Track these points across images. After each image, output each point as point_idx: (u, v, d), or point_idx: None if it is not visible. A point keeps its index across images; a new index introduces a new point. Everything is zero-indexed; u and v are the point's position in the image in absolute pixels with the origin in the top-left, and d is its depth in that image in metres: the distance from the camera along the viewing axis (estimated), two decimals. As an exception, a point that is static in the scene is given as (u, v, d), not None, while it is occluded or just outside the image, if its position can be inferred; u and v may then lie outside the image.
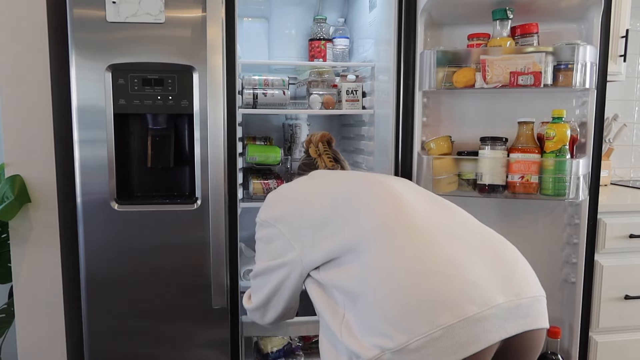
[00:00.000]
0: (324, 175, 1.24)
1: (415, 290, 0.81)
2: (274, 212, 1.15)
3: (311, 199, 1.10)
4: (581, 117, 1.65)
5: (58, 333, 1.56)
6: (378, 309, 0.83)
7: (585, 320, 1.70)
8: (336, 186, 1.13)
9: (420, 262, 0.85)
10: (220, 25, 1.41)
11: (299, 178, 1.31)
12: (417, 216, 0.96)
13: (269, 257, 1.12)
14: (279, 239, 1.10)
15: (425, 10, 1.60)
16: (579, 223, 1.67)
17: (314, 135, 1.49)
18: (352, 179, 1.16)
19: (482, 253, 0.91)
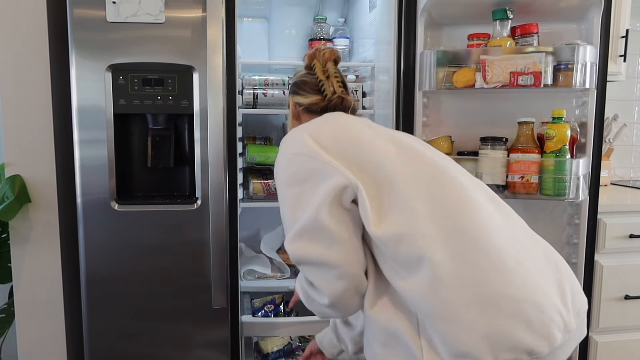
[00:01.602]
0: (362, 127, 1.00)
1: (508, 319, 0.78)
2: (317, 142, 0.94)
3: (370, 150, 0.93)
4: (581, 117, 1.65)
5: (58, 333, 1.56)
6: (465, 332, 0.78)
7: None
8: (393, 156, 0.93)
9: (506, 286, 0.81)
10: (220, 25, 1.41)
11: (315, 120, 1.06)
12: (491, 227, 0.87)
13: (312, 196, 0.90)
14: (328, 171, 0.90)
15: (425, 10, 1.60)
16: (579, 223, 1.67)
17: (321, 52, 1.18)
18: (408, 152, 0.95)
19: (549, 270, 0.89)
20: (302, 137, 0.96)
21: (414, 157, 0.94)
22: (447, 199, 0.88)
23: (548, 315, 0.80)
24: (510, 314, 0.78)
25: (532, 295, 0.80)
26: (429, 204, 0.87)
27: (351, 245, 0.89)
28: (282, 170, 0.97)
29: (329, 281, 0.88)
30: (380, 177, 0.90)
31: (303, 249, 0.89)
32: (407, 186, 0.88)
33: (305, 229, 0.89)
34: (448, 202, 0.88)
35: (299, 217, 0.90)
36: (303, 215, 0.89)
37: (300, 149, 0.94)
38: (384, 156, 0.92)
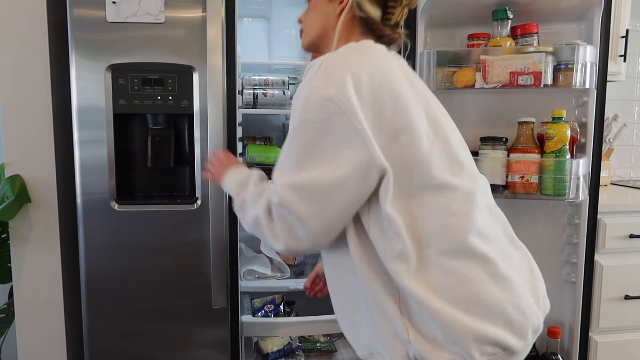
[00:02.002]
0: (406, 84, 0.87)
1: (495, 317, 0.82)
2: (358, 93, 0.81)
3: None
4: (581, 117, 1.65)
5: (58, 333, 1.56)
6: (454, 322, 0.80)
7: (585, 320, 1.70)
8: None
9: (501, 288, 0.83)
10: (220, 25, 1.40)
11: (364, 50, 0.90)
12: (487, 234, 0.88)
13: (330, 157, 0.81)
14: (357, 140, 0.80)
15: (425, 10, 1.60)
16: (579, 223, 1.67)
17: None
18: (438, 135, 0.89)
19: (527, 274, 0.92)
20: (344, 78, 0.81)
21: (441, 142, 0.88)
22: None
23: (528, 318, 0.84)
24: (495, 314, 0.82)
25: (516, 299, 0.84)
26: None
27: (340, 218, 0.84)
28: (306, 109, 0.82)
29: (295, 238, 0.84)
30: (411, 159, 0.83)
31: (294, 202, 0.82)
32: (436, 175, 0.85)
33: (308, 186, 0.82)
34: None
35: (307, 168, 0.82)
36: (313, 171, 0.81)
37: (335, 95, 0.80)
38: (419, 134, 0.85)
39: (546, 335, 1.71)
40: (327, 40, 0.97)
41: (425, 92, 0.93)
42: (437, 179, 0.85)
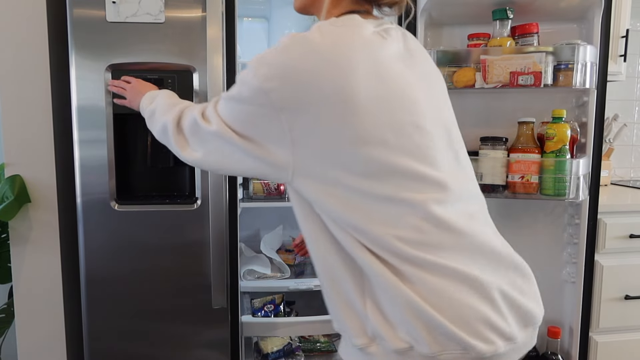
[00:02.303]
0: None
1: (459, 307, 0.75)
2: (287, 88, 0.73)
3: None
4: (581, 117, 1.65)
5: (58, 333, 1.56)
6: (414, 309, 0.75)
7: (585, 320, 1.70)
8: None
9: (470, 284, 0.77)
10: (220, 25, 1.40)
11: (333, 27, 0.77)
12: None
13: (244, 130, 0.79)
14: (271, 127, 0.76)
15: (425, 10, 1.60)
16: (579, 223, 1.67)
17: None
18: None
19: (504, 270, 0.83)
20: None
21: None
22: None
23: (492, 325, 0.76)
24: (454, 316, 0.75)
25: (474, 299, 0.77)
26: None
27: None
28: (247, 82, 0.76)
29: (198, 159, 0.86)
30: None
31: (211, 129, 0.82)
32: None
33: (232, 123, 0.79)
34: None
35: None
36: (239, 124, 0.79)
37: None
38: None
39: (546, 335, 1.71)
40: (318, 4, 0.91)
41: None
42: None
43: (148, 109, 1.05)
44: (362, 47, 0.76)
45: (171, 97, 1.07)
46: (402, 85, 0.77)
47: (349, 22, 0.80)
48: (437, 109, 0.83)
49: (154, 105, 1.03)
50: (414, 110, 0.77)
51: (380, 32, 0.81)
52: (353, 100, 0.72)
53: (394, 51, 0.80)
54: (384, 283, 0.76)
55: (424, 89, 0.81)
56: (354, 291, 0.79)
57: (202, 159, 0.86)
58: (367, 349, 0.80)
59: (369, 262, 0.76)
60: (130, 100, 1.30)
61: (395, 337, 0.77)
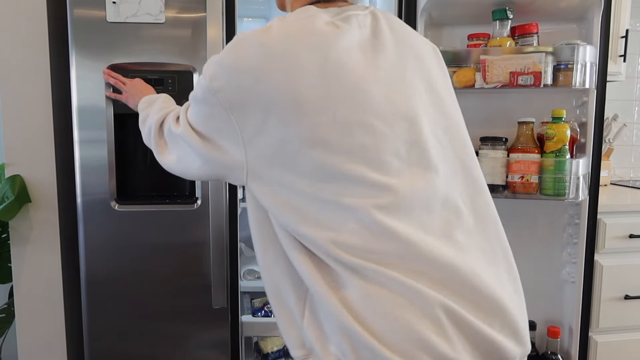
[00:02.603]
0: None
1: (391, 321, 0.68)
2: (236, 86, 0.71)
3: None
4: (581, 117, 1.65)
5: (58, 333, 1.56)
6: (341, 322, 0.69)
7: (585, 320, 1.70)
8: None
9: (409, 298, 0.68)
10: (220, 25, 1.41)
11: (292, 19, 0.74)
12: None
13: (204, 129, 0.78)
14: (225, 126, 0.74)
15: (425, 10, 1.60)
16: (578, 223, 1.67)
17: None
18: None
19: (474, 294, 0.73)
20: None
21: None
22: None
23: (424, 341, 0.67)
24: (384, 333, 0.68)
25: (409, 313, 0.68)
26: None
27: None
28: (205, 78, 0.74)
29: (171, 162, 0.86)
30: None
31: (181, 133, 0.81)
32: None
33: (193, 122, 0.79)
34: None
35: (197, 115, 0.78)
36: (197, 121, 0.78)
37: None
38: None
39: (546, 335, 1.71)
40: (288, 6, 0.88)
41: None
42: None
43: (144, 112, 1.06)
44: (310, 42, 0.71)
45: (166, 102, 1.06)
46: (353, 80, 0.71)
47: (301, 15, 0.75)
48: (403, 101, 0.74)
49: (148, 110, 1.04)
50: (364, 108, 0.70)
51: (336, 22, 0.75)
52: (298, 100, 0.68)
53: (350, 41, 0.73)
54: (319, 293, 0.71)
55: (385, 80, 0.73)
56: (295, 302, 0.76)
57: (174, 163, 0.86)
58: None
59: (308, 271, 0.72)
60: (127, 97, 1.31)
61: (325, 351, 0.72)
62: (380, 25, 0.78)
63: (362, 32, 0.75)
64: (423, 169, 0.74)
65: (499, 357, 0.70)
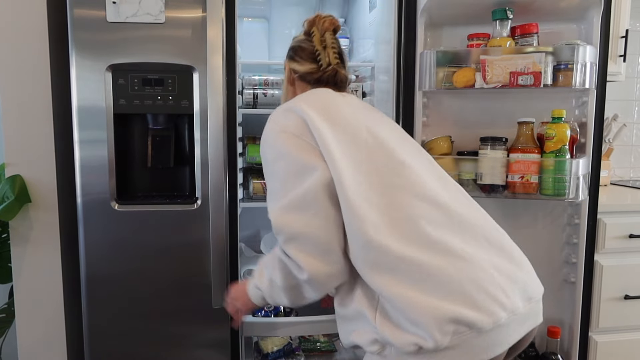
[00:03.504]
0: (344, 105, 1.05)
1: (456, 296, 0.85)
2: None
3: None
4: (581, 117, 1.65)
5: (58, 333, 1.56)
6: (419, 307, 0.85)
7: (585, 320, 1.70)
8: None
9: (459, 268, 0.87)
10: (220, 25, 1.41)
11: (302, 95, 1.08)
12: (449, 209, 0.94)
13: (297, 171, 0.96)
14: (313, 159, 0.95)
15: (425, 10, 1.60)
16: (578, 223, 1.67)
17: (321, 20, 1.18)
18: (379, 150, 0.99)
19: (499, 257, 0.94)
20: (288, 113, 1.01)
21: (381, 157, 0.98)
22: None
23: (491, 295, 0.86)
24: (453, 291, 0.85)
25: (475, 276, 0.87)
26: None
27: (334, 222, 0.92)
28: (270, 146, 1.00)
29: (308, 254, 0.92)
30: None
31: (290, 220, 0.93)
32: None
33: (295, 200, 0.93)
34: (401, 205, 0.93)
35: (289, 188, 0.94)
36: (294, 188, 0.93)
37: (287, 122, 0.99)
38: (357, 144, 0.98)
39: (546, 335, 1.71)
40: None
41: (366, 117, 1.05)
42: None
43: (266, 288, 1.05)
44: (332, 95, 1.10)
45: (259, 275, 1.09)
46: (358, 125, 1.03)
47: (320, 91, 1.11)
48: (389, 134, 1.05)
49: (264, 282, 1.05)
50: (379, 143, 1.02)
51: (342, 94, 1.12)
52: (342, 118, 1.03)
53: (353, 103, 1.11)
54: (391, 297, 0.87)
55: (375, 123, 1.06)
56: (368, 311, 0.92)
57: (315, 247, 0.94)
58: (382, 352, 0.92)
59: (379, 282, 0.88)
60: (244, 305, 1.20)
61: (403, 340, 0.87)
62: (356, 100, 1.13)
63: (351, 99, 1.11)
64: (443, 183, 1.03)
65: (534, 294, 0.94)
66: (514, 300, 0.88)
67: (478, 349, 0.85)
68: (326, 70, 1.12)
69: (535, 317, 0.96)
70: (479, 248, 0.91)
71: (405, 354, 0.87)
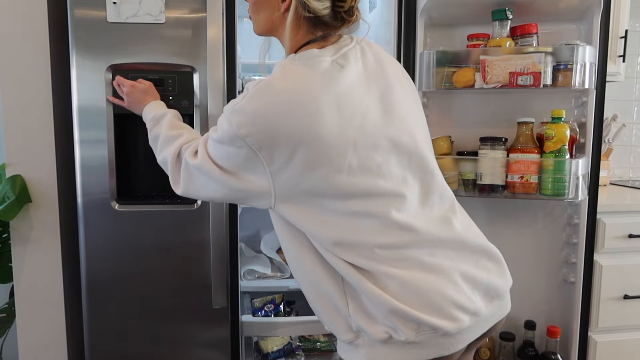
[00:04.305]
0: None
1: (420, 304, 0.86)
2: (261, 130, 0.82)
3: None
4: (580, 117, 1.65)
5: (59, 333, 1.56)
6: (388, 308, 0.86)
7: (584, 320, 1.70)
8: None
9: (434, 272, 0.88)
10: (221, 25, 1.41)
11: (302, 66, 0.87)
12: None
13: (228, 165, 0.89)
14: (253, 165, 0.86)
15: (425, 10, 1.61)
16: (578, 223, 1.67)
17: None
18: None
19: (462, 256, 0.93)
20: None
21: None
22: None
23: (457, 303, 0.87)
24: (421, 301, 0.86)
25: (438, 284, 0.87)
26: None
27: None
28: (228, 121, 0.85)
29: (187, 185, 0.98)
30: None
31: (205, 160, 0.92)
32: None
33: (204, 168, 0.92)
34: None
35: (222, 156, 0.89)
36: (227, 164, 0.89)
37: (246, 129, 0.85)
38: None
39: (545, 335, 1.72)
40: (278, 34, 1.02)
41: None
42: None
43: (152, 132, 1.17)
44: (322, 85, 0.84)
45: (175, 120, 1.18)
46: (362, 111, 0.86)
47: (308, 61, 0.87)
48: (397, 121, 0.90)
49: (158, 129, 1.14)
50: (372, 133, 0.86)
51: (338, 60, 0.88)
52: (321, 137, 0.82)
53: (352, 78, 0.88)
54: (362, 287, 0.87)
55: (382, 108, 0.89)
56: (338, 296, 0.91)
57: (185, 189, 0.99)
58: (355, 342, 0.92)
59: (347, 271, 0.87)
60: (129, 104, 1.35)
61: (375, 329, 0.88)
62: (367, 57, 0.94)
63: (357, 68, 0.90)
64: (422, 173, 0.92)
65: (498, 293, 0.94)
66: (478, 304, 0.90)
67: (442, 346, 0.88)
68: (340, 12, 0.90)
69: (500, 311, 0.96)
70: (445, 258, 0.90)
71: (377, 342, 0.89)
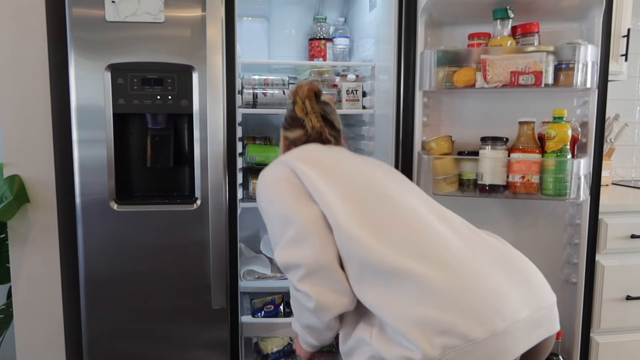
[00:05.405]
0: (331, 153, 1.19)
1: (447, 304, 0.86)
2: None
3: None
4: (582, 117, 1.65)
5: (57, 333, 1.56)
6: (409, 318, 0.87)
7: (586, 320, 1.69)
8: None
9: (453, 276, 0.90)
10: (220, 24, 1.40)
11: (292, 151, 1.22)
12: (440, 237, 0.98)
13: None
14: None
15: (425, 9, 1.60)
16: (580, 223, 1.66)
17: (301, 89, 1.28)
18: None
19: (498, 265, 0.96)
20: (278, 165, 1.14)
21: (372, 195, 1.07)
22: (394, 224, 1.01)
23: (488, 302, 0.86)
24: (444, 299, 0.86)
25: (469, 284, 0.88)
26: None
27: (331, 249, 1.02)
28: (264, 193, 1.12)
29: (312, 284, 1.03)
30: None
31: (290, 255, 1.05)
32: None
33: (291, 238, 1.04)
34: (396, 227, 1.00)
35: (285, 229, 1.05)
36: (289, 228, 1.05)
37: (277, 173, 1.13)
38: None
39: (547, 336, 1.71)
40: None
41: (355, 163, 1.18)
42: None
43: (306, 342, 1.20)
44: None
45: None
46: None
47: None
48: (369, 174, 1.15)
49: (301, 337, 1.20)
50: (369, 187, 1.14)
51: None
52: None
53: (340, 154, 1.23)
54: (381, 311, 0.92)
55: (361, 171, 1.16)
56: (365, 331, 0.98)
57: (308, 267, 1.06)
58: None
59: (378, 306, 0.93)
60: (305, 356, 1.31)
61: (393, 352, 0.89)
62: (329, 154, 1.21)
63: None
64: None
65: (539, 303, 0.94)
66: (516, 307, 0.88)
67: None
68: (310, 134, 1.24)
69: (549, 324, 0.95)
70: (475, 260, 0.93)
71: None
